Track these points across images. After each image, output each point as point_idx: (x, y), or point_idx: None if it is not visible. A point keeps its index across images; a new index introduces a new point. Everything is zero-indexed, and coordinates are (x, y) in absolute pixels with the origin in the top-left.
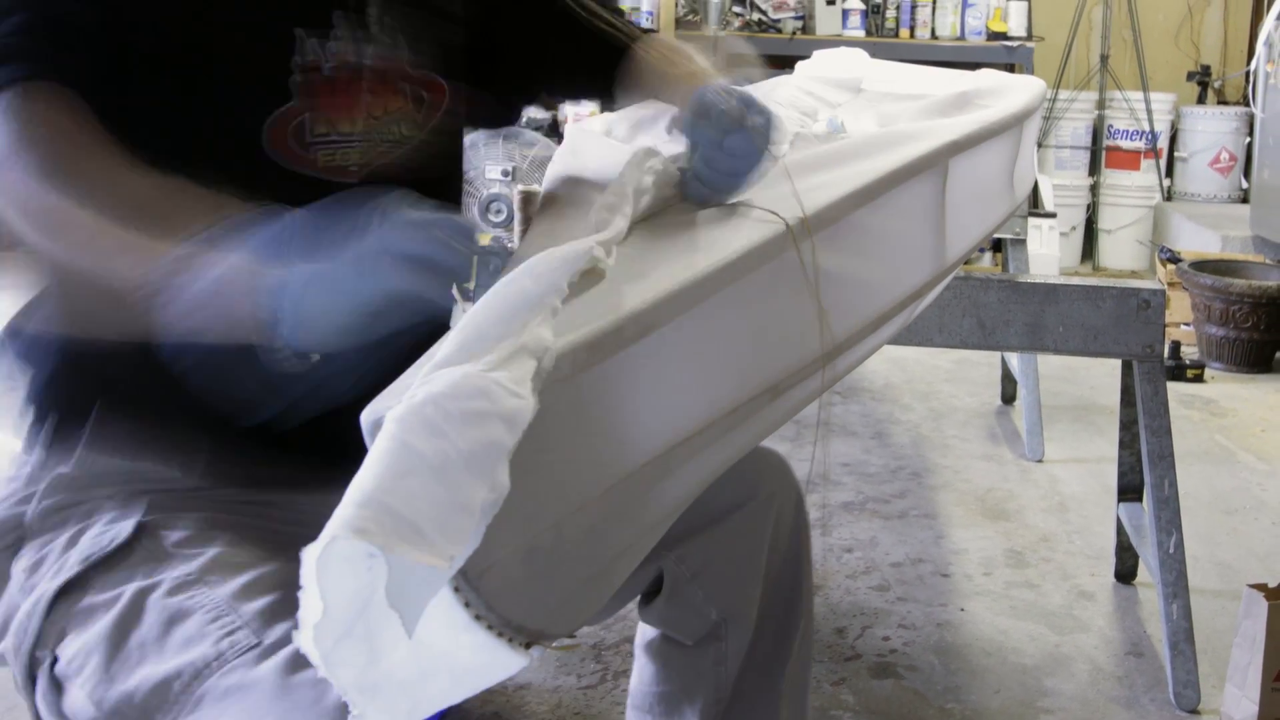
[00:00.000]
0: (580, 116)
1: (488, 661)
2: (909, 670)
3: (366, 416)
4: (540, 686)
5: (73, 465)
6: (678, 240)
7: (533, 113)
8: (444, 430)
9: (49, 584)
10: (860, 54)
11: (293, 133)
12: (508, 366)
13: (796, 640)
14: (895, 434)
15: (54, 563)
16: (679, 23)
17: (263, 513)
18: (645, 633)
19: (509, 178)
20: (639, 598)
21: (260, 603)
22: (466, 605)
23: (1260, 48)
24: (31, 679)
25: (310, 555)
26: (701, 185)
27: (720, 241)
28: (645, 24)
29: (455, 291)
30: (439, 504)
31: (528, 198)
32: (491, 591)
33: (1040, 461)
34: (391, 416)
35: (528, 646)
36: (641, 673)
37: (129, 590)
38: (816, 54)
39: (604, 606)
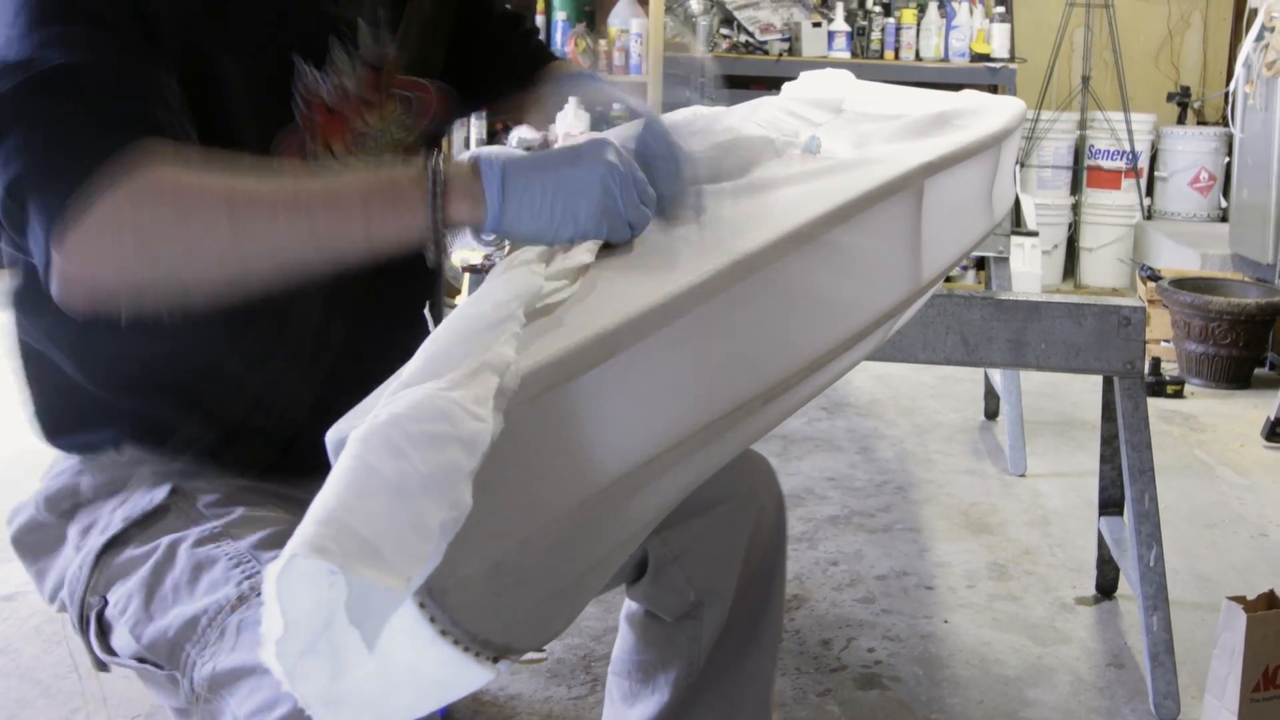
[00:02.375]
0: (571, 135)
1: (454, 675)
2: (893, 681)
3: (331, 436)
4: (531, 697)
5: (120, 450)
6: (648, 261)
7: (523, 133)
8: (405, 451)
9: (96, 539)
10: (847, 75)
11: (300, 152)
12: (469, 385)
13: (767, 627)
14: (880, 449)
15: (102, 524)
16: (668, 45)
17: (282, 493)
18: (629, 606)
19: None
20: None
21: (278, 552)
22: (432, 620)
23: (1239, 69)
24: (85, 623)
25: (271, 572)
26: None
27: (689, 264)
28: (635, 45)
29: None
30: (398, 525)
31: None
32: (456, 607)
33: (1023, 476)
34: (355, 436)
35: (495, 660)
36: (623, 641)
37: (164, 542)
38: (803, 75)
39: (596, 592)
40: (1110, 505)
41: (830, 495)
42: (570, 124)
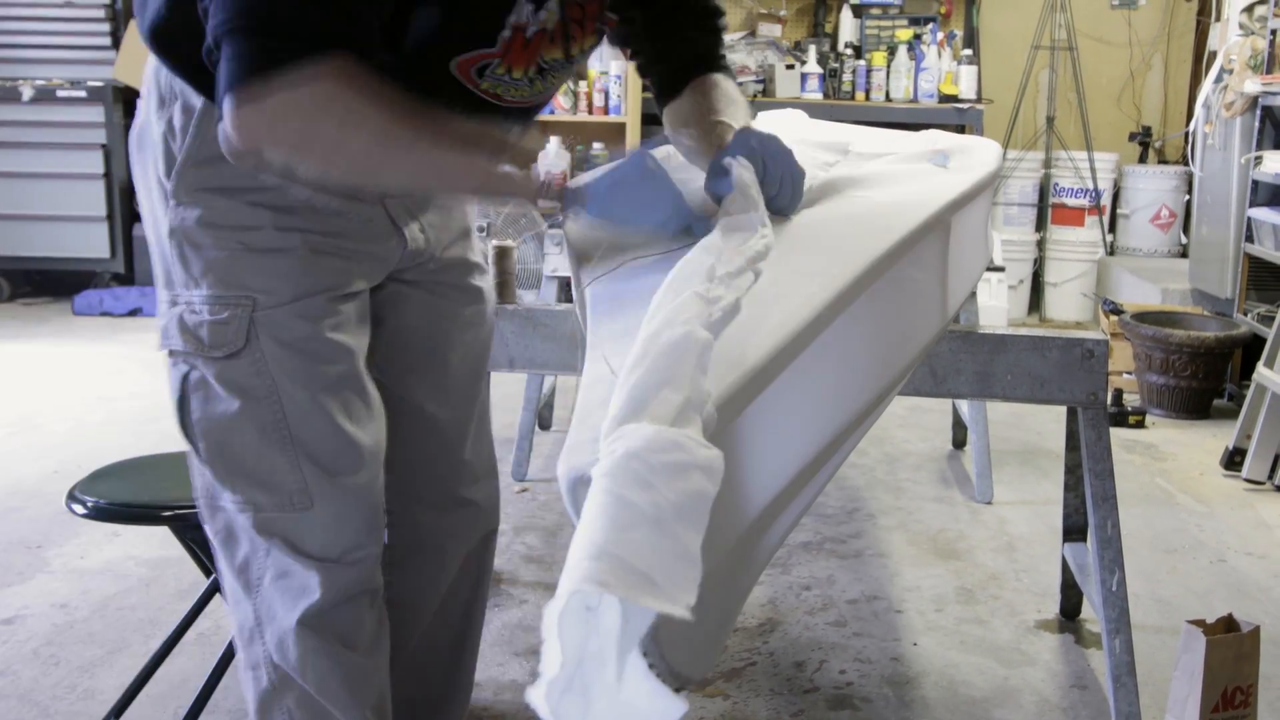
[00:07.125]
0: (551, 174)
1: (659, 710)
2: (864, 702)
3: (563, 473)
4: (517, 715)
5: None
6: (777, 284)
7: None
8: (651, 483)
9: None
10: (800, 115)
11: (476, 68)
12: (683, 424)
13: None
14: (851, 477)
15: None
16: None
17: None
18: None
19: (484, 233)
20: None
21: None
22: (644, 654)
23: (1199, 110)
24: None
25: (553, 611)
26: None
27: (806, 286)
28: (614, 87)
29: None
30: (663, 554)
31: (502, 252)
32: (666, 641)
33: (989, 503)
34: (599, 472)
35: (677, 692)
36: None
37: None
38: (760, 115)
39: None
40: (1074, 532)
41: (803, 522)
42: (551, 163)
